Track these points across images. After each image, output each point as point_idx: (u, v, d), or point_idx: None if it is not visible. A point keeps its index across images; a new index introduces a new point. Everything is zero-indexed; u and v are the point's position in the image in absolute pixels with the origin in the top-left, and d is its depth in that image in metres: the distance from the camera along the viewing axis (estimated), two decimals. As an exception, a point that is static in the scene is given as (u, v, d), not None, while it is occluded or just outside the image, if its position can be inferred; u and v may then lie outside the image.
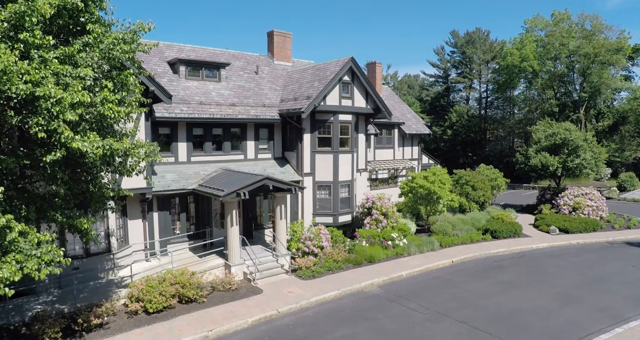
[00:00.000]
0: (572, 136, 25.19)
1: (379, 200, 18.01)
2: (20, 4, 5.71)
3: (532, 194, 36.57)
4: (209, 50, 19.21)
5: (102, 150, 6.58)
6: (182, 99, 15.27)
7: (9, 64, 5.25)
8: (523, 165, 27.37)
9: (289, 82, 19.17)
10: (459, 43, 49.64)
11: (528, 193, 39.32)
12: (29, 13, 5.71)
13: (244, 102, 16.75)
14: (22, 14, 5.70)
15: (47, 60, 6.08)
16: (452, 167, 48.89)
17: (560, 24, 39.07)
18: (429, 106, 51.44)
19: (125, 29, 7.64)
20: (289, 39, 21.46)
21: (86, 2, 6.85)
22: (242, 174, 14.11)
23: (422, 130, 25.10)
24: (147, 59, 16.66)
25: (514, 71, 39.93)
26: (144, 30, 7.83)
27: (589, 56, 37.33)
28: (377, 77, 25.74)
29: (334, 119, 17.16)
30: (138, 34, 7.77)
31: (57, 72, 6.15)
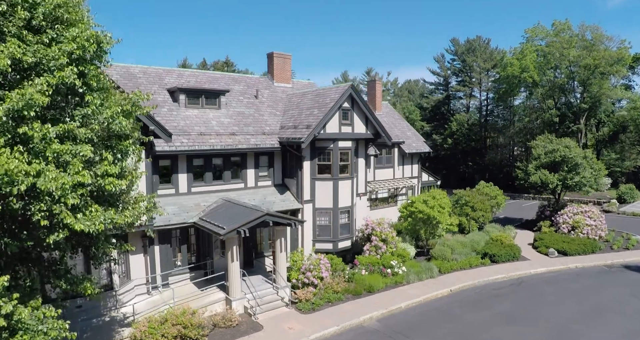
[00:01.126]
0: (572, 154, 25.24)
1: (378, 226, 18.11)
2: (17, 99, 5.77)
3: (532, 205, 36.64)
4: (208, 75, 19.27)
5: (104, 226, 6.68)
6: (182, 129, 15.35)
7: (10, 167, 5.34)
8: (523, 181, 27.47)
9: (289, 106, 19.23)
10: (459, 51, 49.56)
11: (528, 204, 39.41)
12: (27, 108, 5.79)
13: (244, 130, 16.83)
14: (20, 109, 5.77)
15: (47, 141, 6.16)
16: (453, 176, 49.06)
17: (560, 34, 38.97)
18: (429, 114, 51.45)
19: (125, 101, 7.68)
20: (289, 60, 21.49)
21: (84, 79, 6.90)
22: (243, 208, 14.21)
23: (422, 148, 25.16)
24: (147, 86, 16.74)
25: (513, 82, 39.90)
26: (142, 99, 7.90)
27: (590, 67, 37.29)
28: (377, 95, 25.79)
29: (334, 146, 17.23)
30: (137, 104, 7.83)
31: (58, 152, 6.24)
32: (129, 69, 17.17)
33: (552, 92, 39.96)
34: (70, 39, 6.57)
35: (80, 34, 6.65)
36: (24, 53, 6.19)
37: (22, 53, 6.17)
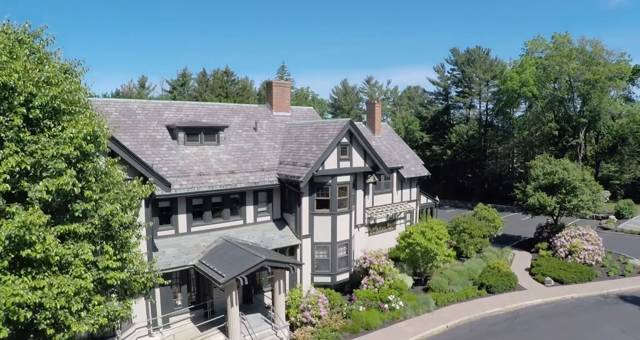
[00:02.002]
0: (570, 176, 25.34)
1: (376, 259, 18.30)
2: (18, 225, 5.87)
3: (531, 221, 36.77)
4: (207, 107, 19.35)
5: (107, 320, 6.85)
6: (181, 170, 15.48)
7: (17, 300, 5.49)
8: (521, 202, 27.60)
9: (287, 138, 19.33)
10: (459, 61, 49.44)
11: (527, 218, 39.53)
12: (27, 232, 5.91)
13: (243, 167, 16.96)
14: (22, 235, 5.90)
15: (49, 248, 6.29)
16: (452, 186, 49.14)
17: (560, 48, 38.87)
18: (429, 124, 51.48)
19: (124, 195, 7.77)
20: (288, 88, 21.56)
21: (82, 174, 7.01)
22: (242, 250, 14.38)
23: (420, 172, 25.27)
24: (146, 123, 16.85)
25: (513, 96, 39.88)
26: (140, 196, 7.99)
27: (589, 82, 37.25)
28: (376, 118, 25.86)
29: (332, 181, 17.37)
30: (135, 199, 7.95)
31: (60, 255, 6.38)
32: (128, 104, 17.28)
33: (552, 106, 39.95)
34: (68, 141, 6.69)
35: (77, 134, 6.75)
36: (22, 160, 6.31)
37: (21, 160, 6.30)
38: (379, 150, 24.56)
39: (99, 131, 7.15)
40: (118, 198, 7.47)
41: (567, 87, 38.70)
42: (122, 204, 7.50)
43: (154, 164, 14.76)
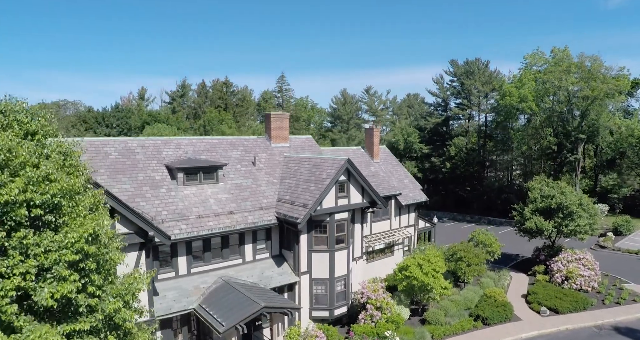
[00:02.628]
0: (568, 201, 25.51)
1: (373, 293, 18.53)
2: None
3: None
4: (206, 142, 19.53)
5: None
6: (180, 213, 15.69)
7: None
8: (519, 224, 27.81)
9: (286, 173, 19.51)
10: (458, 72, 49.48)
11: (525, 233, 39.78)
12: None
13: (242, 207, 17.16)
14: None
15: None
16: (451, 198, 49.20)
17: (559, 63, 38.89)
18: (428, 135, 51.56)
19: (127, 291, 7.92)
20: (287, 119, 21.72)
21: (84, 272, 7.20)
22: (241, 295, 14.61)
23: (418, 198, 25.46)
24: (146, 163, 17.04)
25: (512, 111, 39.97)
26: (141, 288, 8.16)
27: (588, 98, 37.33)
28: (374, 142, 26.04)
29: (330, 219, 17.58)
30: (137, 294, 8.12)
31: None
32: (127, 143, 17.46)
33: (551, 120, 40.05)
34: (69, 246, 6.88)
35: (79, 238, 6.94)
36: (28, 271, 6.51)
37: (26, 271, 6.50)
38: (377, 176, 24.78)
39: (99, 230, 7.33)
40: (120, 293, 7.65)
41: (566, 102, 38.78)
42: (125, 300, 7.68)
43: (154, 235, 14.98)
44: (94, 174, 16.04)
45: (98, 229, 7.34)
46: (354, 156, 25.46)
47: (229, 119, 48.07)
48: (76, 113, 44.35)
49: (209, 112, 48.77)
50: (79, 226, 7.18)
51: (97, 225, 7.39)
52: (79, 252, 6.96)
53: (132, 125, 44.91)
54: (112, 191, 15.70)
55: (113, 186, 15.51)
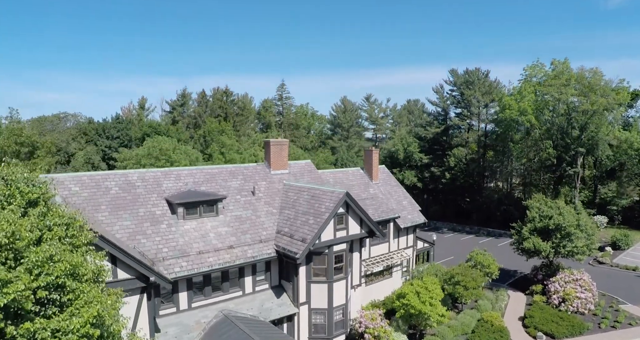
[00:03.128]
0: (566, 222, 25.65)
1: (371, 322, 18.77)
2: None
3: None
4: (206, 172, 19.70)
5: None
6: (181, 250, 15.90)
7: None
8: (517, 243, 28.00)
9: (285, 202, 19.69)
10: (458, 82, 49.45)
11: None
12: None
13: (242, 240, 17.36)
14: None
15: None
16: (451, 208, 49.26)
17: (559, 77, 38.88)
18: (428, 144, 51.62)
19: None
20: (286, 146, 21.87)
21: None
22: (240, 332, 14.84)
23: (417, 220, 25.63)
24: (146, 197, 17.23)
25: (511, 125, 40.03)
26: None
27: (588, 112, 37.36)
28: (374, 164, 26.21)
29: (329, 251, 17.78)
30: None
31: None
32: (127, 176, 17.64)
33: (550, 133, 40.10)
34: (75, 331, 7.07)
35: (84, 324, 7.14)
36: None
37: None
38: (376, 198, 24.96)
39: (105, 313, 7.52)
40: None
41: (566, 115, 38.80)
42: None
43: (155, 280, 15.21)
44: (95, 211, 16.30)
45: (104, 312, 7.52)
46: (353, 178, 25.65)
47: (229, 130, 48.27)
48: (77, 125, 44.59)
49: (209, 123, 48.94)
50: (83, 306, 7.37)
51: (103, 306, 7.58)
52: (84, 336, 7.16)
53: (132, 137, 45.11)
54: (114, 229, 16.00)
55: (114, 223, 15.73)
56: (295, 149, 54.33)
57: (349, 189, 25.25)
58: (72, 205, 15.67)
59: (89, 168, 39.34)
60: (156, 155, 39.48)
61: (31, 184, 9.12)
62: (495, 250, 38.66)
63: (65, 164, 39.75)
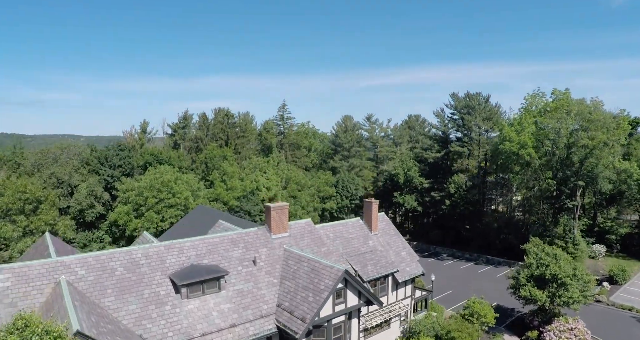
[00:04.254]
0: (562, 273, 26.06)
1: (370, 390, 19.34)
2: None
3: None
4: (207, 242, 20.10)
5: None
6: (185, 332, 16.39)
7: None
8: (514, 289, 28.48)
9: (286, 271, 20.12)
10: (459, 106, 49.50)
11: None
12: None
13: (243, 316, 17.84)
14: None
15: None
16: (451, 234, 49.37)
17: (559, 110, 38.95)
18: (428, 168, 51.85)
19: None
20: (286, 209, 22.23)
21: None
22: None
23: (415, 271, 26.06)
24: (151, 276, 17.68)
25: (511, 158, 40.24)
26: None
27: (587, 147, 37.50)
28: (373, 215, 26.55)
29: (328, 324, 18.26)
30: None
31: None
32: (131, 254, 18.05)
33: (550, 165, 40.27)
34: None
35: None
36: None
37: None
38: (375, 251, 25.39)
39: None
40: None
41: (566, 149, 38.93)
42: None
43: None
44: (102, 296, 16.79)
45: None
46: (353, 230, 26.04)
47: (230, 155, 48.62)
48: (78, 155, 45.02)
49: (210, 149, 49.30)
50: None
51: None
52: None
53: (134, 165, 45.53)
54: (120, 314, 16.49)
55: (121, 308, 16.21)
56: (296, 171, 54.77)
57: (348, 242, 25.77)
58: (80, 291, 16.20)
59: (92, 200, 39.90)
60: (158, 187, 39.96)
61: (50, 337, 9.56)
62: (493, 282, 39.28)
63: (68, 196, 40.30)
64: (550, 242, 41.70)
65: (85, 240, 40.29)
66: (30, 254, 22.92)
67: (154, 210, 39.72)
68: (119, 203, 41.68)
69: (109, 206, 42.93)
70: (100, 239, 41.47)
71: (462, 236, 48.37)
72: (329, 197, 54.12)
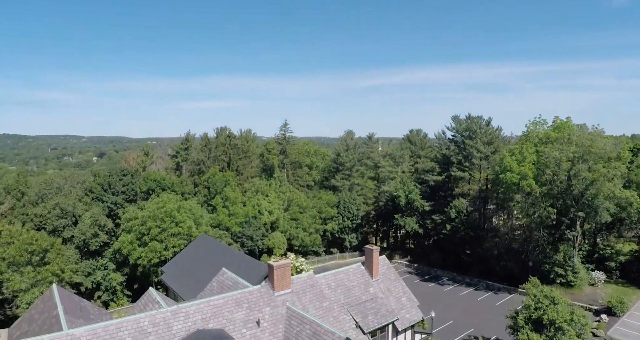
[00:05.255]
0: (559, 318, 26.46)
1: None
2: None
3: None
4: (212, 304, 20.45)
5: None
6: None
7: None
8: (512, 330, 28.93)
9: (289, 332, 20.52)
10: (460, 129, 49.61)
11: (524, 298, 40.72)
12: None
13: (247, 385, 18.29)
14: None
15: None
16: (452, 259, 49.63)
17: (559, 141, 39.09)
18: (430, 190, 52.11)
19: None
20: (289, 267, 22.59)
21: None
22: None
23: (415, 318, 26.47)
24: (158, 344, 18.10)
25: (512, 188, 40.46)
26: None
27: (588, 179, 37.71)
28: (374, 261, 26.88)
29: (330, 390, 18.69)
30: None
31: None
32: (139, 322, 18.41)
33: (550, 195, 40.51)
34: None
35: None
36: None
37: None
38: (376, 299, 25.80)
39: None
40: None
41: (566, 182, 39.18)
42: None
43: None
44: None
45: None
46: (354, 278, 26.42)
47: (232, 180, 48.96)
48: (82, 183, 45.41)
49: (212, 172, 49.68)
50: None
51: None
52: None
53: (137, 191, 45.93)
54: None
55: (128, 385, 16.66)
56: (298, 193, 55.17)
57: (349, 291, 26.16)
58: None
59: (96, 230, 40.37)
60: (161, 217, 40.39)
61: None
62: (493, 312, 39.72)
63: (72, 225, 40.79)
64: (550, 270, 42.20)
65: (89, 269, 40.82)
66: (39, 308, 23.40)
67: (157, 239, 40.20)
68: (123, 231, 42.15)
69: (113, 233, 43.40)
70: (104, 266, 41.99)
71: (463, 260, 48.80)
72: (331, 218, 54.54)
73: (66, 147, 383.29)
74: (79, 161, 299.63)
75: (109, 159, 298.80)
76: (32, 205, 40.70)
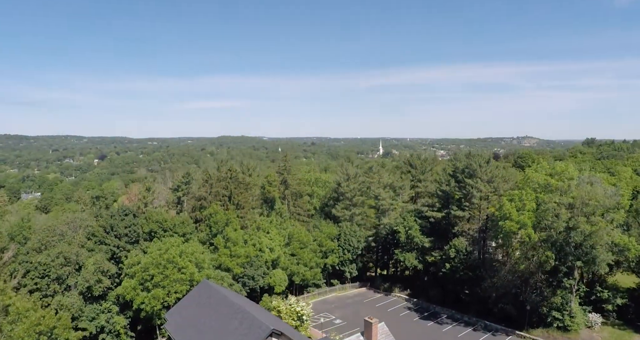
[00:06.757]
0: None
1: None
2: None
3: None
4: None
5: None
6: None
7: None
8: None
9: None
10: (460, 166, 49.65)
11: (520, 352, 41.40)
12: None
13: None
14: None
15: None
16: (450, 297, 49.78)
17: (559, 190, 39.20)
18: (430, 225, 52.29)
19: None
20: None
21: None
22: None
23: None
24: None
25: (511, 236, 40.66)
26: None
27: (586, 231, 37.93)
28: (373, 333, 27.29)
29: None
30: None
31: None
32: None
33: (549, 242, 40.71)
34: None
35: None
36: None
37: None
38: (376, 375, 26.24)
39: None
40: None
41: (565, 232, 39.35)
42: None
43: None
44: None
45: None
46: (355, 352, 26.86)
47: (233, 220, 49.26)
48: (84, 228, 45.74)
49: (214, 210, 49.93)
50: None
51: None
52: None
53: (140, 233, 46.23)
54: None
55: None
56: (299, 228, 55.39)
57: (350, 367, 26.65)
58: None
59: (99, 276, 40.76)
60: (164, 264, 40.74)
61: None
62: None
63: (76, 272, 41.19)
64: (548, 313, 42.67)
65: (93, 314, 41.31)
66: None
67: (160, 285, 40.61)
68: (126, 276, 42.54)
69: (117, 275, 43.83)
70: (108, 310, 42.50)
71: (461, 299, 49.25)
72: (331, 251, 54.85)
73: (67, 148, 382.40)
74: (80, 164, 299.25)
75: (110, 161, 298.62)
76: (35, 252, 41.06)
